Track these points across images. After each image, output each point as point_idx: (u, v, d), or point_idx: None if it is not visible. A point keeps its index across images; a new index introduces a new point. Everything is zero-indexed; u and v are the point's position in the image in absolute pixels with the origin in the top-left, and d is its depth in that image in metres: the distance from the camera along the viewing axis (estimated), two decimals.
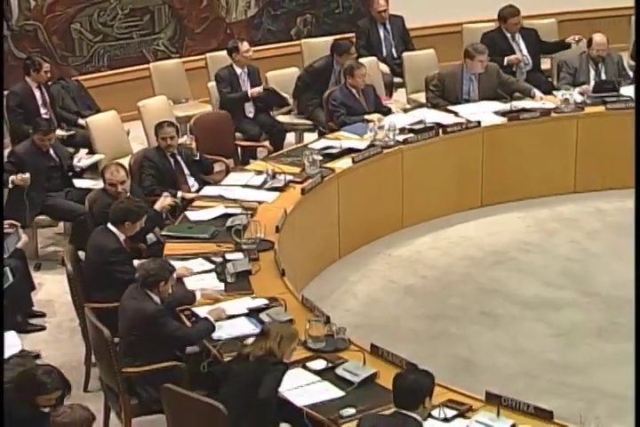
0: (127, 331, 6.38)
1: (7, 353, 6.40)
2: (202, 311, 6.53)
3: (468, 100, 10.01)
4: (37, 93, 9.81)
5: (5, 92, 9.79)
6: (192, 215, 7.96)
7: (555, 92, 10.11)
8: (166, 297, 6.53)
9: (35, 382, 5.56)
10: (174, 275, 6.58)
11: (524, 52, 10.96)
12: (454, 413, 5.64)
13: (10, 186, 8.54)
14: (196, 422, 5.70)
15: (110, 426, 6.60)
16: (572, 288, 8.39)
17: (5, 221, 8.10)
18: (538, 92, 10.05)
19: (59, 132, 9.37)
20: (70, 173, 9.00)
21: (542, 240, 9.19)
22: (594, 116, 9.79)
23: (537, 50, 11.10)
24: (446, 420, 5.59)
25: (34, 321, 7.87)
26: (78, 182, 8.94)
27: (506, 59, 10.75)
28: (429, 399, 5.21)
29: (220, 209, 7.99)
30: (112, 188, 7.86)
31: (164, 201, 7.90)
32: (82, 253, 7.44)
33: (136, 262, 7.13)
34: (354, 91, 9.75)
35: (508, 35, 10.95)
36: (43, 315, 7.98)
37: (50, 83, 9.99)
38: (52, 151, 8.75)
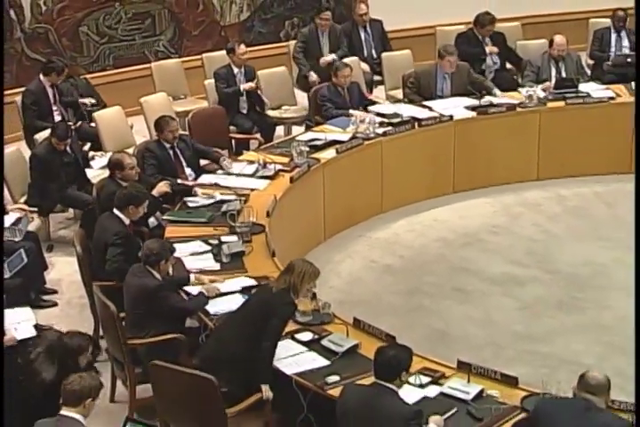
0: (132, 306, 6.39)
1: (22, 326, 6.38)
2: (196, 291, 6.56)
3: (441, 97, 9.99)
4: (50, 92, 9.76)
5: (5, 90, 9.80)
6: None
7: (520, 89, 10.11)
8: (166, 276, 6.57)
9: (71, 344, 5.64)
10: (174, 255, 6.59)
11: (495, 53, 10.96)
12: (429, 379, 5.68)
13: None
14: (188, 397, 5.67)
15: (116, 393, 6.62)
16: (535, 266, 8.41)
17: (15, 205, 8.12)
18: (498, 92, 10.00)
19: (83, 100, 9.62)
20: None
21: (508, 223, 9.20)
22: (555, 111, 9.80)
23: (504, 51, 11.09)
24: (422, 386, 5.62)
25: (46, 298, 7.87)
26: (90, 173, 8.96)
27: (487, 48, 10.84)
28: (406, 373, 5.22)
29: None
30: (132, 171, 7.81)
31: (161, 188, 7.88)
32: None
33: None
34: (339, 88, 9.73)
35: (480, 37, 10.94)
36: (54, 292, 7.97)
37: (59, 81, 9.95)
38: (68, 148, 8.73)
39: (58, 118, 9.69)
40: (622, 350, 4.98)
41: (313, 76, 9.24)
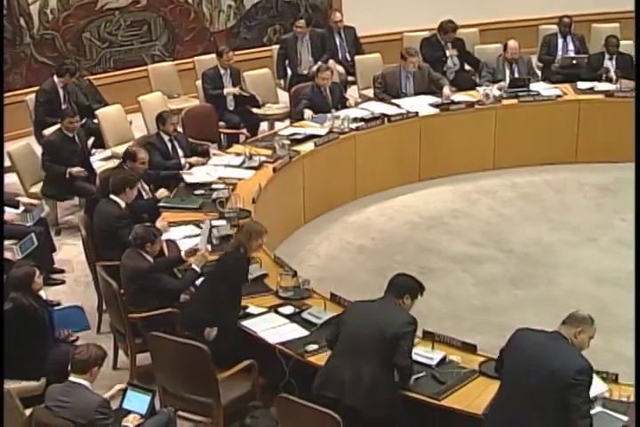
0: (127, 284, 6.38)
1: None
2: None
3: (405, 94, 9.97)
4: (61, 91, 9.72)
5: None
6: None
7: (477, 88, 10.10)
8: (159, 258, 6.56)
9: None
10: (160, 238, 6.57)
11: (454, 55, 10.95)
12: None
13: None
14: (181, 366, 5.69)
15: (119, 361, 6.62)
16: (491, 246, 8.43)
17: (27, 199, 8.09)
18: (446, 90, 9.94)
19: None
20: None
21: (467, 208, 9.21)
22: (509, 108, 9.79)
23: (463, 55, 11.08)
24: None
25: (55, 276, 7.85)
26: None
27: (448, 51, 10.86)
28: (409, 298, 5.43)
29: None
30: (142, 166, 7.76)
31: (162, 193, 7.81)
32: None
33: None
34: (321, 88, 9.67)
35: (443, 42, 10.93)
36: (62, 271, 7.95)
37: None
38: (76, 137, 8.69)
39: None
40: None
41: (307, 113, 9.27)
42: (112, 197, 7.18)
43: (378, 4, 12.13)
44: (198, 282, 6.34)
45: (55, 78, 9.70)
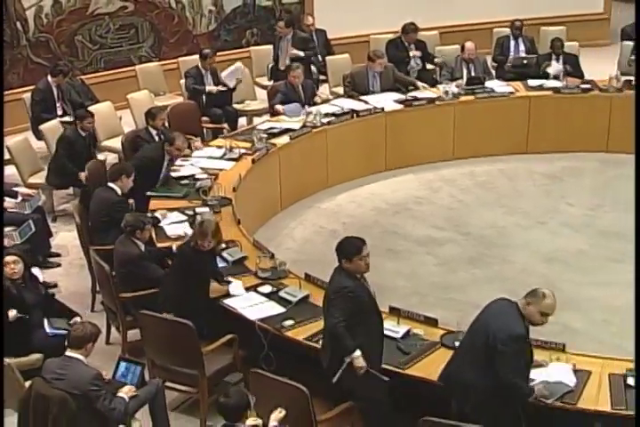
0: (118, 268, 6.36)
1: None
2: None
3: (373, 92, 9.95)
4: (55, 90, 9.64)
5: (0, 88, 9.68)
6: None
7: (438, 86, 10.11)
8: (152, 248, 6.56)
9: None
10: (150, 226, 6.54)
11: (417, 56, 10.91)
12: None
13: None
14: (168, 341, 5.69)
15: (111, 337, 6.61)
16: (452, 229, 8.45)
17: (25, 190, 8.03)
18: (420, 84, 10.02)
19: None
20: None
21: (429, 195, 9.21)
22: (466, 103, 9.79)
23: (425, 55, 11.04)
24: None
25: (52, 260, 7.81)
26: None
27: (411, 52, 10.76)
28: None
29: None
30: (178, 152, 7.91)
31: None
32: None
33: None
34: (294, 85, 9.63)
35: (406, 44, 10.89)
36: (58, 255, 7.91)
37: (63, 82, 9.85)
38: (87, 136, 8.67)
39: (60, 113, 9.59)
40: (520, 295, 5.05)
41: (280, 108, 9.34)
42: (109, 184, 7.14)
43: (347, 9, 12.11)
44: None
45: (49, 78, 9.63)
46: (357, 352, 5.03)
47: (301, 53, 10.60)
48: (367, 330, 5.16)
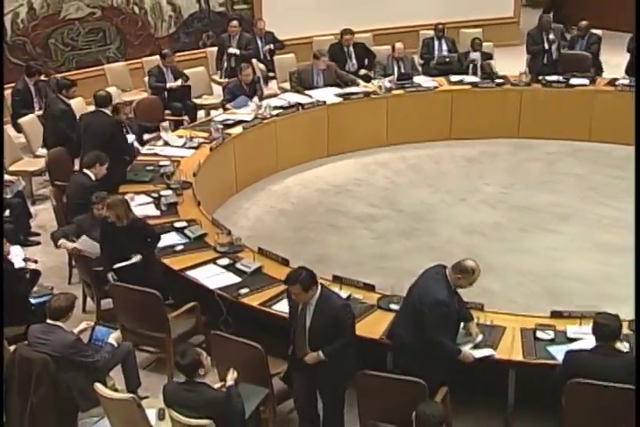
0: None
1: (15, 259, 6.19)
2: None
3: (317, 87, 9.91)
4: (32, 88, 9.44)
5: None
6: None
7: (373, 81, 10.10)
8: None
9: None
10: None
11: (353, 57, 10.83)
12: None
13: None
14: (138, 308, 5.65)
15: (87, 306, 6.52)
16: (387, 207, 8.47)
17: (7, 177, 7.87)
18: (360, 81, 10.00)
19: None
20: None
21: (367, 177, 9.23)
22: (397, 96, 9.79)
23: (362, 56, 10.95)
24: None
25: (32, 238, 7.66)
26: None
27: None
28: None
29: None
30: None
31: None
32: None
33: None
34: (243, 83, 9.55)
35: (345, 47, 10.78)
36: (38, 234, 7.76)
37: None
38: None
39: (37, 108, 9.37)
40: (446, 262, 5.10)
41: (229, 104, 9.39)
42: (85, 170, 7.02)
43: (291, 14, 12.01)
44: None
45: (26, 78, 9.41)
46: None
47: (237, 51, 10.52)
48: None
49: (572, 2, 14.52)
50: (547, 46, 10.65)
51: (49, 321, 5.07)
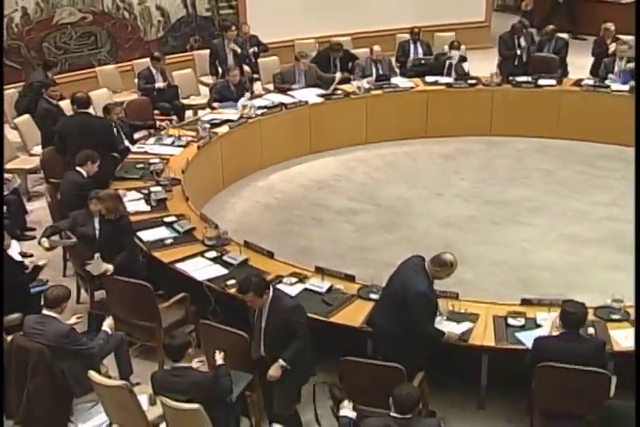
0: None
1: (11, 253, 6.14)
2: None
3: (296, 89, 9.89)
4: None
5: None
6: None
7: (352, 82, 10.06)
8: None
9: None
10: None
11: (338, 67, 10.63)
12: (296, 280, 5.73)
13: None
14: (130, 299, 5.63)
15: (81, 297, 6.47)
16: (366, 201, 8.46)
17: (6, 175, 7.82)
18: (337, 77, 9.88)
19: None
20: None
21: (347, 173, 9.21)
22: (376, 97, 9.76)
23: (346, 61, 10.76)
24: (292, 284, 5.67)
25: (28, 233, 7.58)
26: None
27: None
28: None
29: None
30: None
31: None
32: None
33: None
34: (230, 84, 9.49)
35: (332, 59, 10.50)
36: (33, 229, 7.66)
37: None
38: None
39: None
40: (424, 254, 5.11)
41: (216, 104, 9.24)
42: (77, 168, 6.96)
43: (275, 19, 11.95)
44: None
45: (46, 72, 9.36)
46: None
47: (239, 50, 10.47)
48: None
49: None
50: (518, 52, 10.68)
51: (45, 311, 5.04)
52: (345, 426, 4.27)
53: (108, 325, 5.20)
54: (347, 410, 4.35)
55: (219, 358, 4.71)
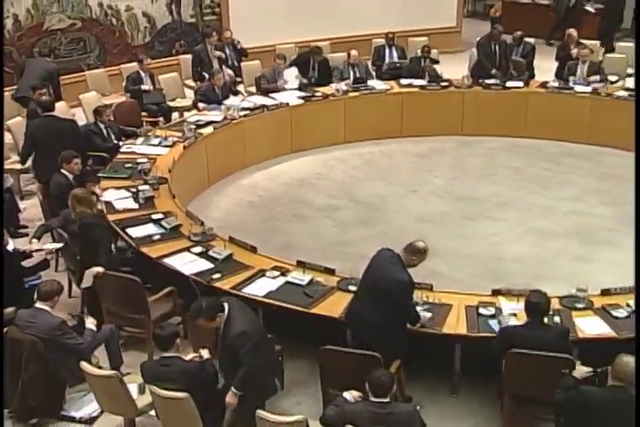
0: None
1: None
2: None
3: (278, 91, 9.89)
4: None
5: None
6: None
7: (331, 85, 10.07)
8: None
9: None
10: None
11: (316, 69, 10.63)
12: (278, 273, 5.73)
13: None
14: (121, 293, 5.59)
15: (72, 292, 6.42)
16: (345, 198, 8.47)
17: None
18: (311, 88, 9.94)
19: None
20: None
21: (327, 171, 9.21)
22: (353, 98, 9.77)
23: (323, 71, 10.74)
24: (274, 278, 5.66)
25: (21, 231, 7.52)
26: None
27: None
28: None
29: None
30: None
31: None
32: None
33: None
34: (215, 87, 9.46)
35: (312, 62, 10.57)
36: (26, 227, 7.59)
37: None
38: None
39: None
40: (398, 247, 5.13)
41: (201, 105, 9.20)
42: (62, 170, 6.90)
43: (256, 24, 11.93)
44: None
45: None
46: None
47: (223, 55, 10.49)
48: None
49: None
50: (497, 58, 10.69)
51: (37, 305, 5.01)
52: (331, 410, 4.26)
53: (91, 322, 5.16)
54: (347, 393, 4.33)
55: (204, 353, 4.70)
